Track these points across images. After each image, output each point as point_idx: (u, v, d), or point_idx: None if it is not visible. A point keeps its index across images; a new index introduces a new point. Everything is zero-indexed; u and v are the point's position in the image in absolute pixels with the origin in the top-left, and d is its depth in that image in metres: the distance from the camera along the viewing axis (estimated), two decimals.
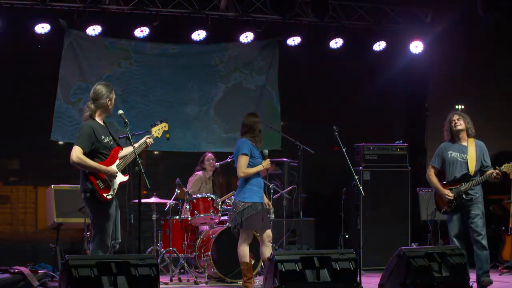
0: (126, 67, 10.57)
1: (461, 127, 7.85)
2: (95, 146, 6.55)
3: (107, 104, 6.70)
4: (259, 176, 7.59)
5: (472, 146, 7.84)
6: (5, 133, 9.94)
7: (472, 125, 7.93)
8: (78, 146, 6.49)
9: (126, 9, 9.99)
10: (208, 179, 9.59)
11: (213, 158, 9.60)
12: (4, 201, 10.31)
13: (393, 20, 11.18)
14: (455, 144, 7.90)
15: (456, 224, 7.76)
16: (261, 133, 7.67)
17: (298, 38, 10.94)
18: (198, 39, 10.57)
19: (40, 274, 8.00)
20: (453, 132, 7.89)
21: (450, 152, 7.88)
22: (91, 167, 6.48)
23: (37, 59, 10.13)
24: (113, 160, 6.63)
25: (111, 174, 6.53)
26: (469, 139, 7.88)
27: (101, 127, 6.68)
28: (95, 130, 6.57)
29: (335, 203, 10.00)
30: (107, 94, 6.68)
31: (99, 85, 6.76)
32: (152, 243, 9.05)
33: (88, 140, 6.50)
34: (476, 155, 7.81)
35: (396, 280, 6.59)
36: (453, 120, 7.88)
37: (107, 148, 6.64)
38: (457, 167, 7.81)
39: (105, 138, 6.63)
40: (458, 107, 11.34)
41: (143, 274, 5.84)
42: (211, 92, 11.01)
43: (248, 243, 7.57)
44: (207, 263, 8.61)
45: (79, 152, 6.45)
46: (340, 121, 8.29)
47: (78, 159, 6.44)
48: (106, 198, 6.51)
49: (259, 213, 7.44)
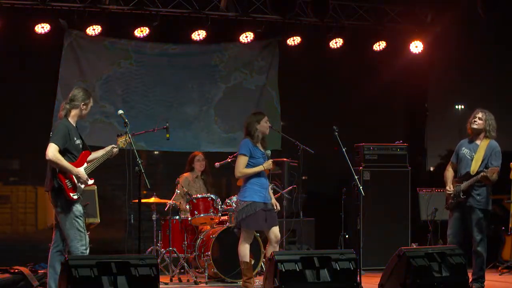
0: (126, 67, 10.57)
1: (477, 126, 7.71)
2: (67, 146, 6.57)
3: (81, 108, 6.71)
4: (261, 176, 7.49)
5: (484, 145, 7.70)
6: (5, 133, 9.94)
7: (494, 127, 7.76)
8: (54, 143, 6.51)
9: (126, 9, 9.99)
10: (195, 179, 9.56)
11: (203, 158, 9.57)
12: (4, 201, 10.31)
13: (393, 20, 11.17)
14: (470, 141, 7.81)
15: (453, 223, 7.70)
16: (259, 132, 7.52)
17: (298, 38, 10.94)
18: (198, 39, 10.57)
19: (40, 274, 7.99)
20: (472, 130, 7.77)
21: (464, 148, 7.80)
22: (64, 167, 6.50)
23: (37, 59, 10.13)
24: (81, 163, 6.65)
25: (80, 178, 6.54)
26: (484, 139, 7.74)
27: (74, 128, 6.70)
28: (69, 130, 6.60)
29: (335, 203, 9.99)
30: (82, 98, 6.71)
31: (78, 89, 6.82)
32: (152, 243, 9.05)
33: (63, 139, 6.54)
34: (484, 155, 7.67)
35: (396, 280, 6.59)
36: (475, 117, 7.75)
37: (78, 150, 6.66)
38: (464, 164, 7.74)
39: (77, 140, 6.66)
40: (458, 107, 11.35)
41: (143, 274, 5.84)
42: (211, 92, 11.00)
43: (249, 243, 7.54)
44: (207, 263, 8.61)
45: (55, 150, 6.49)
46: (340, 121, 8.29)
47: (54, 157, 6.47)
48: (72, 198, 6.51)
49: (259, 213, 7.38)
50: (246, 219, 7.41)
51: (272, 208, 7.62)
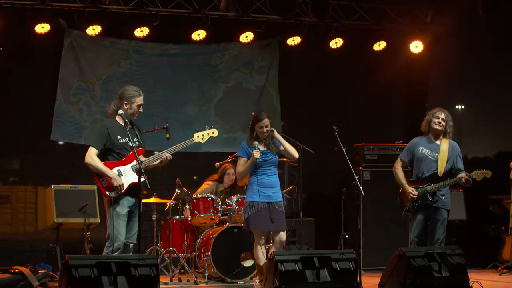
0: (126, 67, 10.57)
1: (441, 128, 7.60)
2: (109, 145, 6.61)
3: (124, 107, 6.71)
4: (262, 175, 7.42)
5: (445, 145, 7.58)
6: (5, 133, 9.94)
7: (452, 129, 7.68)
8: (92, 146, 6.61)
9: (126, 9, 10.00)
10: (220, 192, 9.47)
11: (233, 172, 9.30)
12: (4, 201, 10.32)
13: (393, 20, 11.18)
14: (428, 140, 7.66)
15: (419, 225, 7.56)
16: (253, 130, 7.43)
17: (298, 38, 10.95)
18: (198, 39, 10.58)
19: (40, 274, 8.00)
20: (432, 129, 7.64)
21: (421, 148, 7.64)
22: (97, 170, 6.56)
23: (37, 59, 10.13)
24: (128, 161, 6.65)
25: (113, 179, 6.55)
26: (443, 139, 7.64)
27: (119, 127, 6.68)
28: (109, 129, 6.62)
29: (335, 203, 10.00)
30: (127, 96, 6.71)
31: (126, 86, 6.82)
32: (152, 243, 9.05)
33: (99, 140, 6.60)
34: (448, 155, 7.56)
35: (396, 280, 6.59)
36: (438, 118, 7.61)
37: (123, 148, 6.65)
38: (426, 165, 7.58)
39: (122, 138, 6.64)
40: (458, 107, 11.34)
41: (143, 274, 5.84)
42: (211, 92, 11.01)
43: (260, 244, 7.38)
44: (207, 263, 8.61)
45: (90, 153, 6.58)
46: (340, 121, 8.29)
47: (87, 161, 6.58)
48: (108, 196, 6.56)
49: (261, 212, 7.34)
50: (249, 219, 7.39)
51: (279, 209, 7.43)
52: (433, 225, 7.54)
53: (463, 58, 11.31)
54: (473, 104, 11.52)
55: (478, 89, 11.75)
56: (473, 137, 11.85)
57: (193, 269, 9.02)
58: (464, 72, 11.58)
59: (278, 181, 7.53)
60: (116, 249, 6.50)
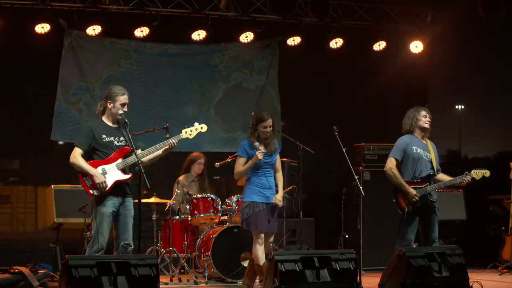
0: (126, 67, 10.58)
1: (429, 126, 7.60)
2: (94, 145, 6.61)
3: (107, 106, 6.70)
4: (261, 176, 7.44)
5: (430, 145, 7.60)
6: (5, 133, 9.94)
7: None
8: (76, 146, 6.61)
9: (126, 9, 10.00)
10: (191, 183, 9.51)
11: (204, 162, 9.52)
12: (4, 201, 10.32)
13: (393, 20, 11.18)
14: (418, 140, 7.61)
15: (415, 226, 7.47)
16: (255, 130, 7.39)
17: (298, 38, 10.95)
18: (198, 39, 10.58)
19: (40, 274, 8.00)
20: (420, 128, 7.61)
21: (415, 147, 7.57)
22: (81, 169, 6.56)
23: (37, 59, 10.13)
24: (113, 159, 6.63)
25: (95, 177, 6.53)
26: (426, 139, 7.65)
27: (104, 126, 6.69)
28: (94, 130, 6.62)
29: (335, 203, 9.99)
30: (109, 96, 6.70)
31: (112, 86, 6.82)
32: (152, 243, 9.05)
33: (84, 140, 6.60)
34: (434, 154, 7.60)
35: (396, 280, 6.59)
36: (427, 116, 7.59)
37: (108, 147, 6.65)
38: (423, 165, 7.52)
39: (108, 137, 6.64)
40: (458, 107, 11.35)
41: (143, 274, 5.83)
42: (211, 92, 11.01)
43: (260, 244, 7.32)
44: (207, 263, 8.61)
45: (75, 153, 6.59)
46: (340, 121, 8.29)
47: (73, 158, 6.58)
48: (91, 194, 6.56)
49: (260, 213, 7.31)
50: (247, 219, 7.38)
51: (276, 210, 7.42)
52: (430, 224, 7.51)
53: (463, 58, 11.32)
54: (473, 104, 11.53)
55: (478, 89, 11.76)
56: (473, 137, 11.87)
57: (193, 269, 9.02)
58: (464, 72, 11.59)
59: (274, 183, 7.53)
60: (99, 249, 6.48)
